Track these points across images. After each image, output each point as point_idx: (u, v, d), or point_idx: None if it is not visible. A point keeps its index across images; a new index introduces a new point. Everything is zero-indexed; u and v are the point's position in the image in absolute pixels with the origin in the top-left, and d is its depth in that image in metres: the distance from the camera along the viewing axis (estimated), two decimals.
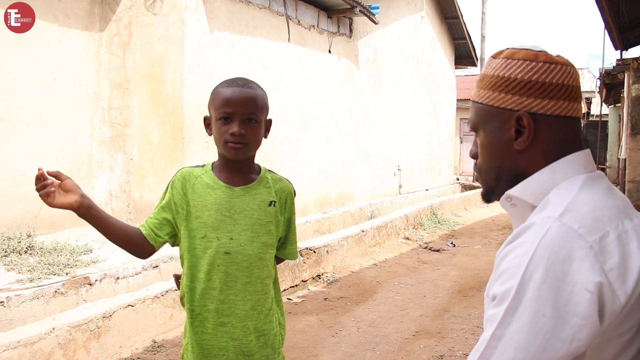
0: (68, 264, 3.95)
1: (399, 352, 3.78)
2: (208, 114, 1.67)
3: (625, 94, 9.60)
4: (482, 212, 10.74)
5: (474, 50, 13.26)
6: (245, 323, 1.62)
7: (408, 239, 7.63)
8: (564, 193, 0.94)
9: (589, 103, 21.26)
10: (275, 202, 1.66)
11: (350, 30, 8.02)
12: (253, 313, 1.63)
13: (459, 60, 13.15)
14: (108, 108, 5.33)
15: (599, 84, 13.15)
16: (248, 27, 5.91)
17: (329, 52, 7.48)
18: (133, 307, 3.58)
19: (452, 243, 7.67)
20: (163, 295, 3.81)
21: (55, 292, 3.51)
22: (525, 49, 1.01)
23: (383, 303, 4.87)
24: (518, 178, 1.01)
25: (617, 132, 15.73)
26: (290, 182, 1.76)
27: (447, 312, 4.65)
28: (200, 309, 1.61)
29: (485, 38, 16.18)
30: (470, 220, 9.78)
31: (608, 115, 17.14)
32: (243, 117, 1.56)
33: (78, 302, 3.64)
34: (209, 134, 1.65)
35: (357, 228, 6.71)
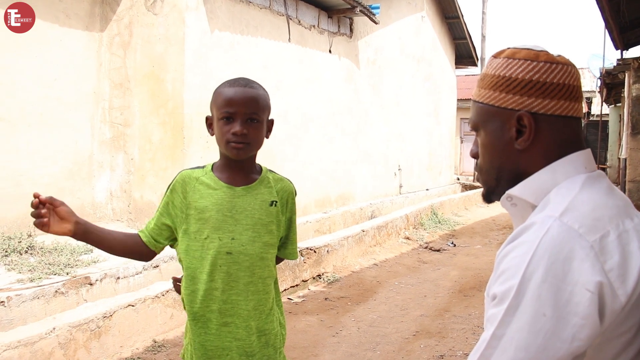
0: (68, 264, 3.94)
1: (400, 351, 3.78)
2: (209, 114, 1.68)
3: (626, 94, 9.59)
4: (482, 212, 10.73)
5: (475, 50, 13.25)
6: (248, 323, 1.62)
7: (408, 239, 7.63)
8: (565, 193, 0.94)
9: (590, 103, 21.27)
10: (277, 202, 1.66)
11: (351, 30, 8.01)
12: (255, 313, 1.63)
13: (460, 60, 13.15)
14: (109, 108, 5.34)
15: (600, 84, 13.14)
16: (248, 27, 5.91)
17: (330, 52, 7.48)
18: (133, 306, 3.58)
19: (452, 243, 7.67)
20: (164, 295, 3.82)
21: (56, 291, 3.51)
22: (527, 49, 1.01)
23: (383, 303, 4.87)
24: (519, 178, 1.01)
25: (617, 131, 15.71)
26: (292, 182, 1.76)
27: (447, 311, 4.65)
28: (204, 310, 1.61)
29: (486, 38, 16.18)
30: (471, 220, 9.78)
31: (608, 115, 17.13)
32: (245, 116, 1.57)
33: (78, 301, 3.64)
34: (211, 134, 1.65)
35: (357, 228, 6.71)
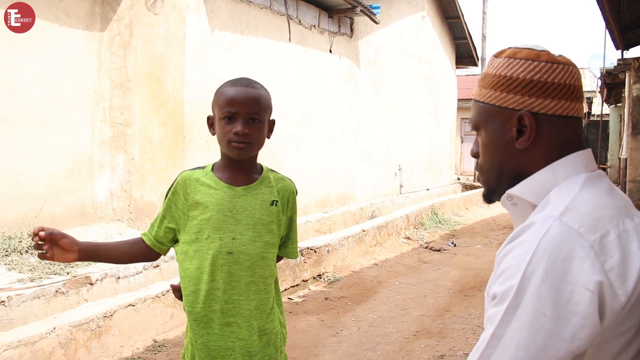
0: (69, 264, 3.95)
1: (400, 351, 3.78)
2: (209, 114, 1.69)
3: (626, 94, 9.58)
4: (483, 211, 10.73)
5: (475, 50, 13.24)
6: (250, 323, 1.62)
7: (409, 239, 7.63)
8: (565, 192, 0.94)
9: (590, 103, 21.25)
10: (277, 201, 1.67)
11: (351, 30, 8.01)
12: (257, 312, 1.64)
13: (460, 60, 13.14)
14: (109, 108, 5.34)
15: (600, 84, 13.14)
16: (249, 26, 5.91)
17: (330, 51, 7.48)
18: (134, 306, 3.58)
19: (453, 243, 7.67)
20: (164, 295, 3.82)
21: (56, 291, 3.51)
22: (528, 49, 1.01)
23: (384, 303, 4.87)
24: (519, 177, 1.01)
25: (618, 131, 15.71)
26: (293, 181, 1.76)
27: (447, 311, 4.65)
28: (206, 310, 1.61)
29: (486, 38, 16.16)
30: (471, 220, 9.78)
31: (609, 115, 17.13)
32: (247, 116, 1.57)
33: (79, 301, 3.65)
34: (213, 134, 1.66)
35: (357, 228, 6.71)
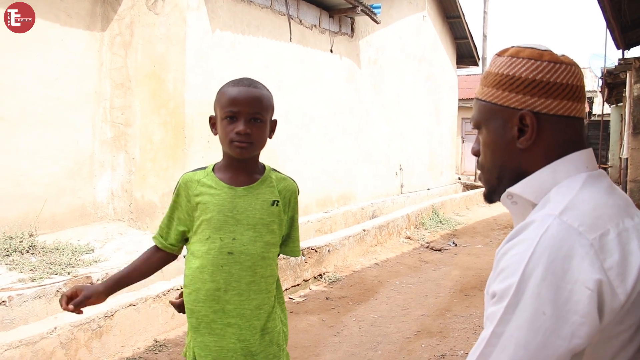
0: (70, 264, 3.95)
1: (401, 351, 3.78)
2: (210, 114, 1.69)
3: (627, 94, 9.57)
4: (483, 211, 10.73)
5: (476, 50, 13.22)
6: (252, 322, 1.63)
7: (410, 239, 7.63)
8: (565, 191, 0.94)
9: (591, 102, 21.22)
10: (279, 201, 1.67)
11: (352, 30, 8.01)
12: (259, 312, 1.64)
13: (461, 60, 13.13)
14: (110, 108, 5.34)
15: (601, 84, 13.12)
16: (250, 26, 5.91)
17: (331, 51, 7.48)
18: (135, 306, 3.59)
19: (453, 242, 7.66)
20: (165, 295, 3.82)
21: (57, 291, 3.51)
22: (530, 48, 1.01)
23: (385, 302, 4.87)
24: (520, 177, 1.01)
25: (618, 131, 15.70)
26: (295, 181, 1.77)
27: (448, 311, 4.65)
28: (207, 310, 1.62)
29: (487, 37, 16.13)
30: (472, 220, 9.78)
31: (610, 115, 17.11)
32: (249, 116, 1.58)
33: None
34: (214, 134, 1.66)
35: (358, 227, 6.71)
